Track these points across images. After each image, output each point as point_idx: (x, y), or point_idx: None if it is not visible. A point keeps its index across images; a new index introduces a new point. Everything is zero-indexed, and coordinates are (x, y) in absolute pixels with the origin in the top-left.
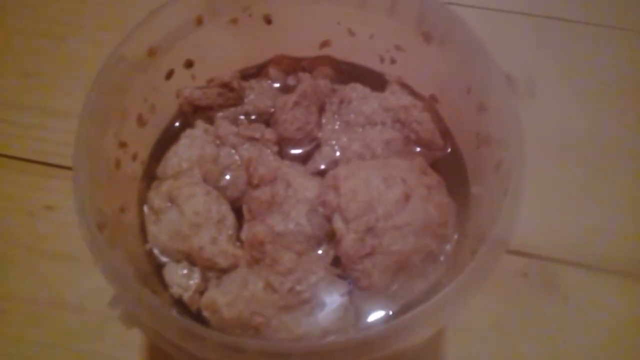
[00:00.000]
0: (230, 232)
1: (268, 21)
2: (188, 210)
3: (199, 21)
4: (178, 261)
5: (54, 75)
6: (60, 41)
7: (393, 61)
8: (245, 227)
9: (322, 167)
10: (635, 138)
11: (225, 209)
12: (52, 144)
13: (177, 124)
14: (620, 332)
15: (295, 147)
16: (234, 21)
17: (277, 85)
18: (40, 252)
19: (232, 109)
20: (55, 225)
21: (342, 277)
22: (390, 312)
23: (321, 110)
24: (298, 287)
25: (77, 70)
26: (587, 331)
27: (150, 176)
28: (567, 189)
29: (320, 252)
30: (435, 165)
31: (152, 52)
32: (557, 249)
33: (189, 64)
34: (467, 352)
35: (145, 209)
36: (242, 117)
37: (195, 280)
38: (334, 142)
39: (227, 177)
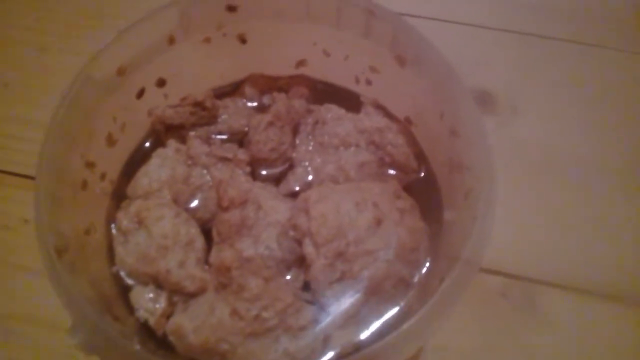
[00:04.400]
0: (199, 255)
1: (243, 40)
2: (156, 233)
3: (171, 40)
4: (145, 284)
5: (34, 85)
6: (41, 51)
7: (369, 82)
8: (214, 250)
9: (296, 188)
10: (619, 157)
11: (195, 231)
12: (31, 155)
13: (148, 143)
14: (601, 355)
15: (268, 168)
16: (208, 40)
17: (252, 104)
18: (15, 266)
19: (205, 128)
20: (32, 239)
21: (311, 302)
22: (361, 339)
23: (295, 130)
24: (264, 314)
25: (58, 81)
26: (567, 353)
27: (119, 195)
28: (549, 208)
29: (290, 276)
30: (410, 188)
31: (121, 71)
32: (537, 270)
33: (161, 83)
34: None
35: (113, 229)
36: (215, 136)
37: (161, 304)
38: (307, 164)
39: (198, 198)
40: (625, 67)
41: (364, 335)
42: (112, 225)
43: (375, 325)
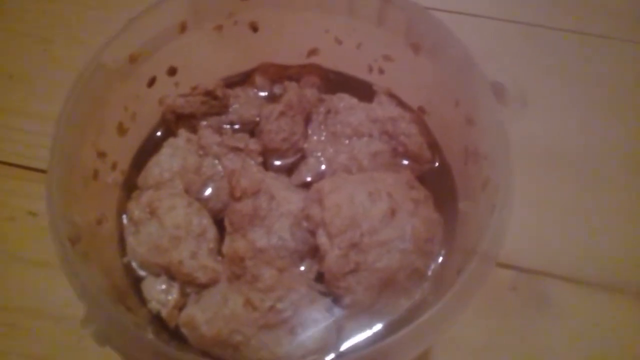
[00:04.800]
0: (211, 245)
1: (254, 28)
2: (168, 223)
3: (183, 27)
4: (157, 275)
5: (39, 77)
6: (47, 43)
7: (381, 71)
8: (227, 240)
9: (308, 179)
10: (628, 150)
11: (207, 221)
12: (37, 147)
13: (159, 132)
14: (610, 348)
15: (280, 158)
16: (219, 28)
17: (263, 93)
18: (21, 259)
19: (216, 118)
20: (38, 232)
21: (325, 293)
22: (375, 331)
23: (307, 120)
24: (279, 305)
25: (63, 72)
26: (577, 346)
27: (130, 185)
28: (558, 201)
29: (303, 267)
30: (423, 178)
31: (133, 59)
32: (547, 263)
33: (172, 71)
34: None
35: (125, 219)
36: (226, 126)
37: (173, 296)
38: (319, 154)
39: (210, 188)
40: (633, 59)
41: (378, 327)
42: (124, 216)
43: (390, 317)
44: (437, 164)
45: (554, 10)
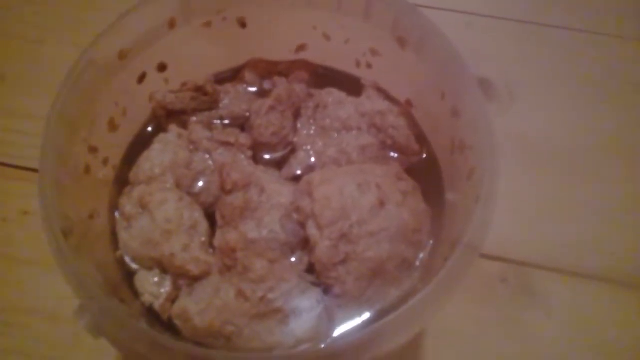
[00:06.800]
0: (203, 238)
1: (243, 25)
2: (160, 217)
3: (172, 24)
4: (149, 269)
5: (31, 77)
6: (37, 43)
7: (369, 66)
8: (218, 233)
9: (298, 172)
10: (614, 144)
11: (198, 215)
12: (29, 147)
13: (150, 128)
14: (599, 338)
15: (270, 152)
16: (208, 24)
17: (253, 89)
18: (14, 258)
19: (207, 114)
20: (31, 231)
21: (316, 284)
22: (365, 320)
23: (297, 115)
24: (270, 296)
25: (54, 72)
26: (566, 337)
27: (122, 181)
28: (546, 195)
29: (294, 259)
30: (411, 170)
31: (122, 55)
32: (536, 255)
33: (162, 68)
34: (446, 358)
35: (117, 214)
36: (216, 121)
37: (166, 288)
38: (309, 147)
39: (201, 182)
40: (623, 54)
41: (369, 316)
42: (116, 212)
43: (380, 306)
44: (424, 156)
45: (543, 7)
